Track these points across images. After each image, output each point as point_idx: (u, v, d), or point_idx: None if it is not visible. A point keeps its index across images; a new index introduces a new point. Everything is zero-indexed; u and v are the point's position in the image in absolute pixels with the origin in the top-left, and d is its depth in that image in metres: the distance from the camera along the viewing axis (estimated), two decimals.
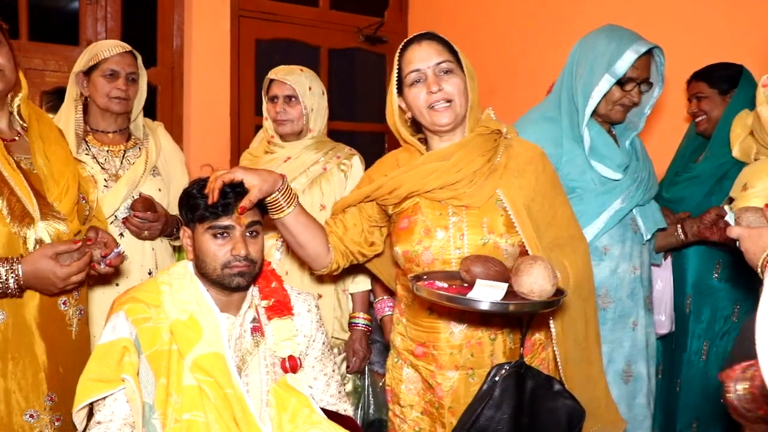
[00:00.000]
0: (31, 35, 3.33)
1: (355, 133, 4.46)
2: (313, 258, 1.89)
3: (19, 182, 1.68)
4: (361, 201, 1.92)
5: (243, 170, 1.68)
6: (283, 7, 4.04)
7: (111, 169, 2.34)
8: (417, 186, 1.80)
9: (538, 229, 1.77)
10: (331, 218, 1.98)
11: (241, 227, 1.67)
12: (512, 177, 1.80)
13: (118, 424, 1.57)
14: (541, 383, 1.73)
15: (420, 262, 1.79)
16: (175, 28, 3.72)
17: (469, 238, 1.77)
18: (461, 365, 1.80)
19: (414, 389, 1.90)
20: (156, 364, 1.59)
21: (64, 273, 1.65)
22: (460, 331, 1.79)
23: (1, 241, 1.65)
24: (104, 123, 2.40)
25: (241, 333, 1.71)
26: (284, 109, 2.45)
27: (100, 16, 3.51)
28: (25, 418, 1.69)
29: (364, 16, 4.34)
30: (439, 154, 1.82)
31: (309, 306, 1.84)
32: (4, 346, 1.66)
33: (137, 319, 1.62)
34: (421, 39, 1.82)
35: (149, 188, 2.38)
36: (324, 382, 1.83)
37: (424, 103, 1.79)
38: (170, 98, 3.73)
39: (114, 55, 2.35)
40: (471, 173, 1.78)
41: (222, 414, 1.56)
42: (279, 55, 3.93)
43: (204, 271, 1.68)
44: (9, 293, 1.62)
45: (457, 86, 1.78)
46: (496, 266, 1.65)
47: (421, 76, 1.80)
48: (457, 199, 1.78)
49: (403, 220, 1.85)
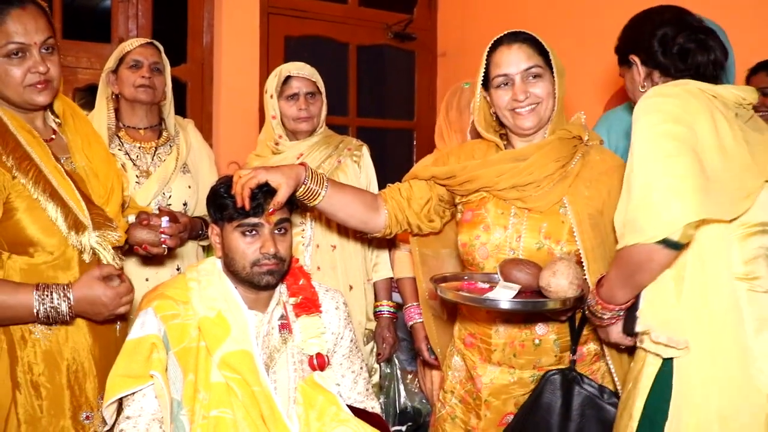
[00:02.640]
0: (64, 33, 3.37)
1: (384, 130, 4.45)
2: (361, 226, 1.93)
3: (69, 191, 1.68)
4: (429, 180, 1.92)
5: (265, 170, 1.68)
6: (312, 4, 4.04)
7: (142, 166, 2.36)
8: (489, 183, 1.80)
9: (605, 242, 1.72)
10: (398, 184, 1.98)
11: (270, 225, 1.67)
12: (582, 186, 1.77)
13: (147, 419, 1.58)
14: (593, 392, 1.72)
15: (476, 256, 1.83)
16: (205, 25, 3.74)
17: (525, 241, 1.78)
18: (503, 362, 1.82)
19: (458, 377, 1.94)
20: (184, 361, 1.60)
21: (113, 293, 1.61)
22: (505, 330, 1.81)
23: (58, 254, 1.65)
24: (135, 118, 2.41)
25: (269, 330, 1.71)
26: (307, 106, 2.41)
27: (132, 14, 3.54)
28: (81, 419, 1.70)
29: (393, 12, 4.32)
30: (515, 154, 1.82)
31: (337, 303, 1.83)
32: (63, 348, 1.68)
33: (165, 315, 1.63)
34: (512, 41, 1.78)
35: (179, 185, 2.40)
36: (351, 380, 1.82)
37: (508, 105, 1.78)
38: (200, 95, 3.75)
39: (136, 47, 2.38)
40: (542, 177, 1.76)
41: (249, 411, 1.56)
42: (308, 52, 3.93)
43: (233, 268, 1.69)
44: (60, 319, 1.59)
45: (545, 89, 1.77)
46: (529, 268, 1.67)
47: (509, 81, 1.77)
48: (522, 201, 1.78)
49: (468, 212, 1.87)
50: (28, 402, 1.64)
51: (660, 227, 1.34)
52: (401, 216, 1.91)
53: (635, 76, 1.67)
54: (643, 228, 1.36)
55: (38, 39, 1.63)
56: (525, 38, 1.78)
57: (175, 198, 2.39)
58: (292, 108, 2.40)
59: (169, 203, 2.36)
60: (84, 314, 1.65)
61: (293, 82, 2.41)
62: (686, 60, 1.57)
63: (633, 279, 1.46)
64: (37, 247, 1.63)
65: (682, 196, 1.33)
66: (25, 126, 1.69)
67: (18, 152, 1.62)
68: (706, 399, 1.43)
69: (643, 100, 1.49)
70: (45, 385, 1.65)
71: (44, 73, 1.65)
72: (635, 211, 1.38)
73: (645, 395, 1.50)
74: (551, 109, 1.78)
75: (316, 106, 2.44)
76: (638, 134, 1.45)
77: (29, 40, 1.62)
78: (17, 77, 1.63)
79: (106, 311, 1.63)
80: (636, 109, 1.49)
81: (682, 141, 1.40)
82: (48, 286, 1.58)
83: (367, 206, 1.88)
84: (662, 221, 1.33)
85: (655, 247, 1.35)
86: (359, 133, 4.16)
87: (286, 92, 2.41)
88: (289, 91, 2.41)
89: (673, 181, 1.35)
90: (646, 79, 1.64)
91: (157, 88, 2.40)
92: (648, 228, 1.35)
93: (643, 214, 1.36)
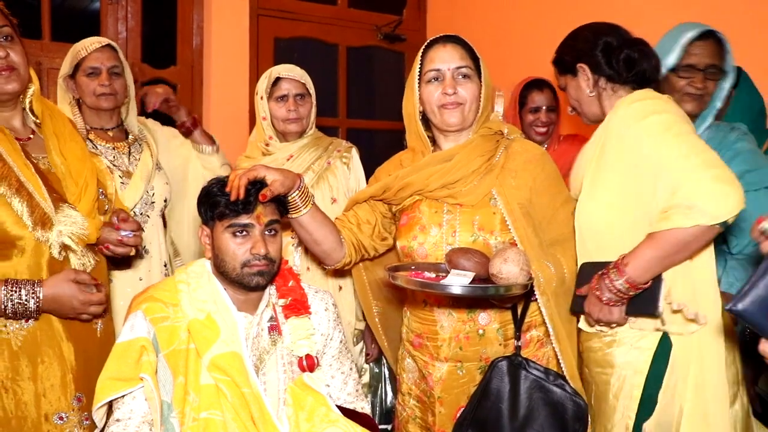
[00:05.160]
0: (53, 35, 3.36)
1: (374, 132, 4.46)
2: (328, 254, 1.95)
3: (37, 187, 1.68)
4: (368, 199, 2.00)
5: (265, 168, 1.71)
6: (302, 6, 4.04)
7: (122, 166, 2.34)
8: (421, 186, 1.88)
9: (538, 227, 1.84)
10: (344, 214, 2.04)
11: (261, 226, 1.68)
12: (508, 177, 1.86)
13: (137, 421, 1.58)
14: (539, 376, 1.78)
15: (415, 256, 1.90)
16: (194, 27, 3.74)
17: (460, 236, 1.85)
18: (450, 357, 1.88)
19: (412, 378, 1.99)
20: (174, 363, 1.60)
21: (85, 299, 1.66)
22: (449, 325, 1.87)
23: (29, 249, 1.66)
24: (101, 121, 2.39)
25: (259, 332, 1.72)
26: (296, 108, 2.42)
27: (121, 16, 3.54)
28: (55, 420, 1.70)
29: (382, 14, 4.33)
30: (442, 156, 1.91)
31: (326, 304, 1.84)
32: (34, 349, 1.67)
33: (155, 318, 1.63)
34: (447, 41, 1.90)
35: (158, 182, 2.41)
36: (341, 380, 1.83)
37: (437, 101, 1.87)
38: (190, 97, 3.74)
39: (92, 52, 2.31)
40: (469, 173, 1.85)
41: (239, 413, 1.56)
42: (297, 54, 3.94)
43: (223, 269, 1.69)
44: (27, 314, 1.63)
45: (471, 92, 1.87)
46: (476, 257, 1.74)
47: (440, 76, 1.87)
48: (452, 197, 1.86)
49: (404, 217, 1.95)
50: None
51: (723, 210, 1.51)
52: (356, 242, 1.97)
53: (582, 83, 1.85)
54: (706, 211, 1.51)
55: None
56: (458, 41, 1.90)
57: (158, 195, 2.40)
58: (281, 109, 2.42)
59: (153, 201, 2.37)
60: (51, 312, 1.67)
61: (282, 83, 2.43)
62: (632, 68, 1.78)
63: (672, 259, 1.60)
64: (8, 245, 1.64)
65: (734, 184, 1.53)
66: None
67: None
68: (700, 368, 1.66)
69: (639, 102, 1.70)
70: (15, 386, 1.65)
71: (4, 58, 1.67)
72: (692, 197, 1.53)
73: (644, 374, 1.69)
74: (475, 112, 1.89)
75: (305, 108, 2.45)
76: (656, 130, 1.64)
77: None
78: None
79: (72, 313, 1.68)
80: (634, 110, 1.69)
81: (698, 137, 1.66)
82: (17, 282, 1.61)
83: (336, 234, 1.93)
84: (726, 205, 1.51)
85: (712, 228, 1.53)
86: (349, 134, 4.17)
87: (276, 93, 2.43)
88: (279, 92, 2.43)
89: (721, 171, 1.55)
90: (593, 86, 1.83)
91: (119, 93, 2.36)
92: (712, 211, 1.51)
93: (703, 199, 1.52)
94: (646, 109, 1.68)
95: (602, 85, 1.81)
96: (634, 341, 1.72)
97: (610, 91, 1.81)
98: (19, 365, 1.66)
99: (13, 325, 1.65)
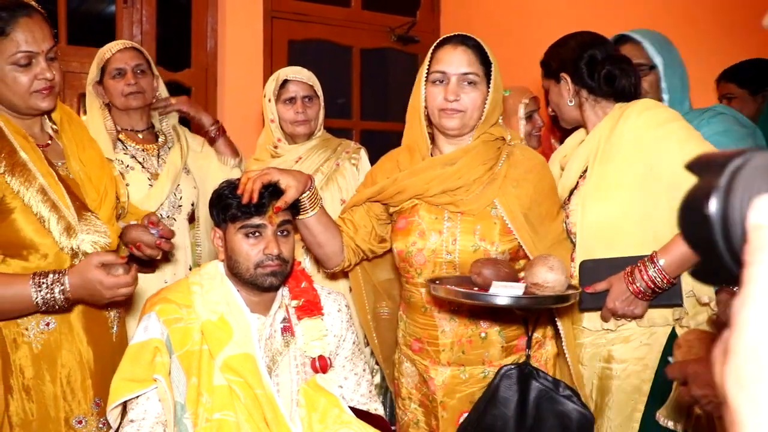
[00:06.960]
0: (69, 39, 3.39)
1: (387, 133, 4.45)
2: (330, 257, 1.93)
3: (61, 196, 1.68)
4: (365, 202, 1.97)
5: (278, 171, 1.71)
6: (315, 8, 4.05)
7: (150, 168, 2.38)
8: (420, 191, 1.84)
9: (537, 234, 1.83)
10: (340, 218, 2.02)
11: (273, 226, 1.68)
12: (510, 186, 1.83)
13: (151, 422, 1.58)
14: (548, 386, 1.76)
15: (413, 262, 1.86)
16: (208, 30, 3.76)
17: (461, 244, 1.81)
18: (452, 362, 1.85)
19: (412, 382, 1.96)
20: (187, 364, 1.61)
21: (112, 282, 1.57)
22: (451, 329, 1.84)
23: (52, 256, 1.66)
24: (131, 122, 2.42)
25: (272, 333, 1.72)
26: (304, 110, 2.43)
27: (136, 19, 3.56)
28: (74, 423, 1.71)
29: (396, 15, 4.32)
30: (443, 159, 1.87)
31: (339, 306, 1.84)
32: (55, 352, 1.68)
33: (168, 319, 1.64)
34: (459, 43, 1.84)
35: (186, 185, 2.43)
36: (354, 382, 1.83)
37: (438, 104, 1.83)
38: (204, 100, 3.76)
39: (115, 53, 2.36)
40: (471, 181, 1.82)
41: (252, 414, 1.57)
42: (311, 56, 3.95)
43: (236, 271, 1.70)
44: (57, 306, 1.58)
45: (474, 100, 1.82)
46: (506, 268, 1.70)
47: (444, 79, 1.82)
48: (454, 205, 1.82)
49: (401, 220, 1.90)
50: (20, 406, 1.65)
51: None
52: (353, 245, 1.95)
53: (563, 91, 1.93)
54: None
55: (45, 47, 1.65)
56: (472, 44, 1.84)
57: (185, 199, 2.41)
58: (289, 111, 2.43)
59: (180, 204, 2.38)
60: (82, 300, 1.65)
61: (290, 85, 2.44)
62: (612, 84, 1.85)
63: None
64: (31, 250, 1.64)
65: None
66: (20, 131, 1.70)
67: (12, 157, 1.64)
68: None
69: (651, 111, 1.79)
70: (36, 389, 1.66)
71: (51, 80, 1.68)
72: None
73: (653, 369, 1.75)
74: (477, 119, 1.84)
75: (313, 110, 2.46)
76: (681, 135, 1.72)
77: (37, 48, 1.64)
78: (25, 84, 1.65)
79: (103, 299, 1.61)
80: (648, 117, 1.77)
81: None
82: (43, 273, 1.57)
83: (339, 237, 1.92)
84: None
85: None
86: (362, 135, 4.17)
87: (284, 96, 2.43)
88: (287, 94, 2.43)
89: None
90: (574, 95, 1.91)
91: (146, 90, 2.40)
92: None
93: None
94: (660, 116, 1.77)
95: (584, 95, 1.91)
96: (644, 338, 1.79)
97: (592, 102, 1.90)
98: (40, 368, 1.67)
99: (34, 328, 1.65)
